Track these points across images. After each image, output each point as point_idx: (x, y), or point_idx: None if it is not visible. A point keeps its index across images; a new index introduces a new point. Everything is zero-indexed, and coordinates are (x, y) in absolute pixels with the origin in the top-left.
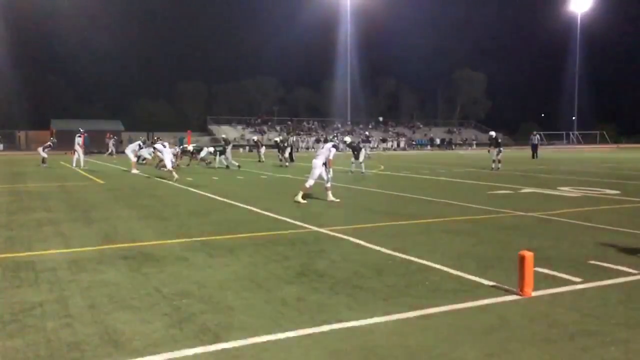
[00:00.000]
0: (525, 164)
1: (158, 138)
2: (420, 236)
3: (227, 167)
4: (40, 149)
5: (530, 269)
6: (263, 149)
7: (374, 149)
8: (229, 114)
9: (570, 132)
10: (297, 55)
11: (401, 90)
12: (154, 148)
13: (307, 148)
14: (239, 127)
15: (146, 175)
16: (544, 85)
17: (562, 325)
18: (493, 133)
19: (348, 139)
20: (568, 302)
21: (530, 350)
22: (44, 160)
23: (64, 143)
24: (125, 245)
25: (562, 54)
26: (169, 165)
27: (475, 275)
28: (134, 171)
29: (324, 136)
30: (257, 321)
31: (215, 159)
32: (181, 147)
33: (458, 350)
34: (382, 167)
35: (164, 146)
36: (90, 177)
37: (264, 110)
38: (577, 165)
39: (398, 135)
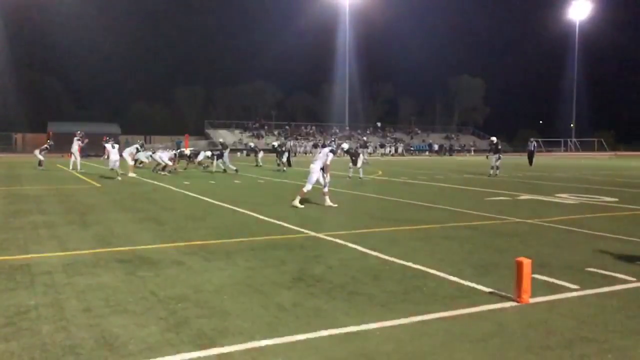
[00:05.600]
0: (523, 171)
1: (108, 138)
2: (417, 242)
3: (225, 171)
4: (37, 152)
5: (527, 275)
6: (261, 154)
7: (372, 154)
8: (226, 118)
9: (568, 139)
10: (296, 60)
11: (399, 96)
12: (104, 147)
13: (305, 153)
14: (237, 131)
15: (143, 178)
16: (543, 92)
17: (559, 333)
18: (494, 139)
19: (346, 145)
20: (565, 309)
21: (527, 358)
22: (40, 163)
23: (61, 146)
24: (122, 248)
25: (560, 61)
26: (116, 165)
27: (473, 282)
28: (131, 174)
29: (322, 141)
30: (254, 326)
31: (212, 162)
32: (179, 150)
33: (455, 356)
34: (380, 172)
35: (113, 147)
36: (87, 180)
37: (262, 115)
38: (575, 173)
39: (396, 140)
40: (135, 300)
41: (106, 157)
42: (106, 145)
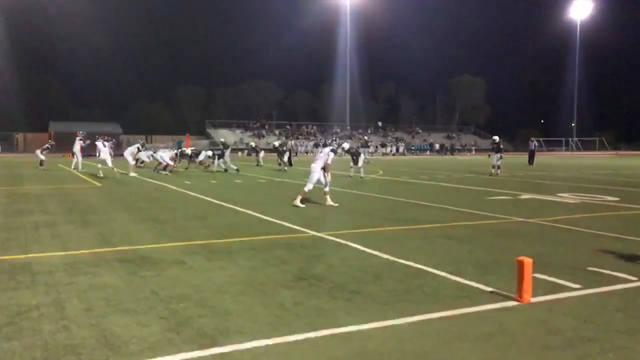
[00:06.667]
0: (524, 170)
1: (100, 136)
2: (419, 241)
3: (226, 170)
4: (38, 151)
5: (529, 275)
6: (262, 153)
7: (373, 154)
8: (227, 117)
9: (570, 139)
10: (297, 59)
11: (400, 95)
12: (95, 145)
13: (306, 152)
14: (238, 131)
15: (144, 178)
16: (544, 92)
17: (560, 332)
18: (496, 138)
19: (347, 145)
20: (567, 308)
21: (528, 357)
22: (41, 163)
23: (62, 145)
24: (123, 248)
25: (561, 61)
26: (106, 164)
27: (474, 281)
28: (132, 174)
29: (323, 140)
30: (255, 325)
31: (213, 162)
32: (179, 150)
33: (456, 356)
34: (381, 172)
35: (104, 145)
36: (88, 179)
37: (263, 114)
38: (576, 172)
39: (397, 140)
40: (137, 299)
41: (98, 155)
42: (97, 143)
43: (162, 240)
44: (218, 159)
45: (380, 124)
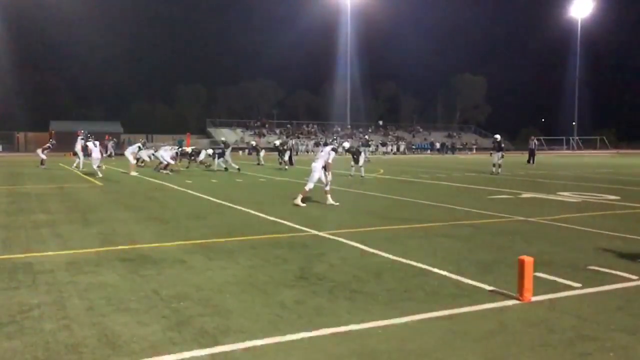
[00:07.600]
0: (525, 169)
1: (90, 135)
2: (419, 240)
3: (227, 169)
4: (39, 151)
5: (529, 274)
6: (262, 152)
7: (374, 153)
8: (228, 116)
9: (570, 138)
10: (297, 58)
11: (401, 94)
12: (86, 145)
13: (307, 151)
14: (238, 129)
15: (145, 177)
16: (545, 90)
17: (561, 331)
18: (498, 136)
19: (347, 144)
20: (567, 307)
21: (529, 356)
22: (42, 162)
23: (63, 145)
24: (124, 247)
25: (562, 59)
26: (96, 163)
27: (475, 280)
28: (133, 173)
29: (324, 139)
30: (256, 324)
31: (214, 161)
32: (180, 149)
33: (457, 355)
34: (382, 171)
35: (95, 145)
36: (89, 179)
37: (264, 113)
38: (577, 171)
39: (398, 139)
40: (138, 298)
41: (108, 154)
42: (88, 143)
43: (163, 239)
44: (219, 158)
45: (381, 122)
